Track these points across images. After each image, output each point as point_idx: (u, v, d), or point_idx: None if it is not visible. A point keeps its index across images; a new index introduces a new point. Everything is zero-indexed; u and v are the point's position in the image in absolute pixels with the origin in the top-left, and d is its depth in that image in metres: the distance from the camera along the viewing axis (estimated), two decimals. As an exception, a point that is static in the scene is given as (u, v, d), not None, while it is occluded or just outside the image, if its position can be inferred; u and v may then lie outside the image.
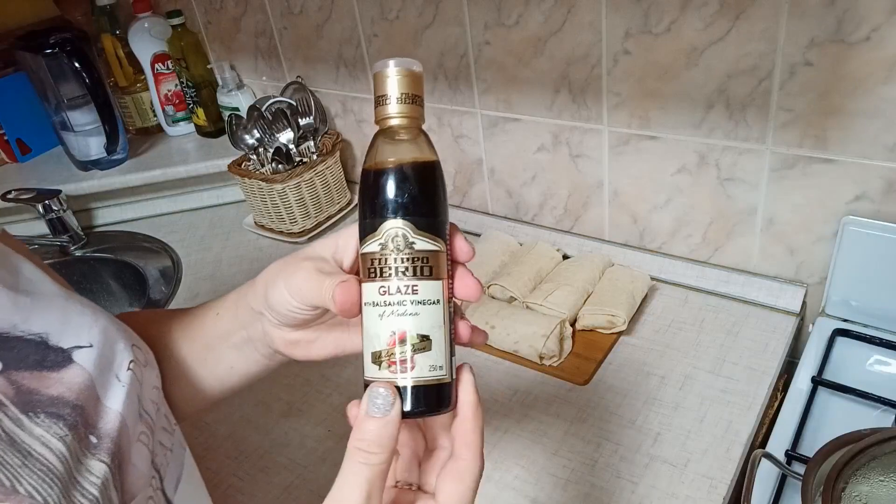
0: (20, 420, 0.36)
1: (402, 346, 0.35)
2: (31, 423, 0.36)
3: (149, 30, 1.33)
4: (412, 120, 0.37)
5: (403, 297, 0.36)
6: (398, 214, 0.36)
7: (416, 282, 0.36)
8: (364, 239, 0.37)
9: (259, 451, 0.80)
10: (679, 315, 0.91)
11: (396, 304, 0.36)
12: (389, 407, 0.35)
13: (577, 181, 1.00)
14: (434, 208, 0.37)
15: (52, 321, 0.40)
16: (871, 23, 0.69)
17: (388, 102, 0.37)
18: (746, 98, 0.79)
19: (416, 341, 0.36)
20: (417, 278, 0.36)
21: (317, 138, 1.20)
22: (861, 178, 0.77)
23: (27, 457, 0.35)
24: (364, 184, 0.37)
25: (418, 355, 0.35)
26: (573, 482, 0.71)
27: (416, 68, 0.37)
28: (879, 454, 0.58)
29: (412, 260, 0.36)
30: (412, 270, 0.36)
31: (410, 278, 0.36)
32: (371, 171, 0.37)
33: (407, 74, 0.37)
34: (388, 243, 0.36)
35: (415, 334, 0.35)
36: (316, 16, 1.14)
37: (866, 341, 0.81)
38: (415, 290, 0.36)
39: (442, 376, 0.36)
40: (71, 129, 1.28)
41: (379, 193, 0.36)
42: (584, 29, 0.87)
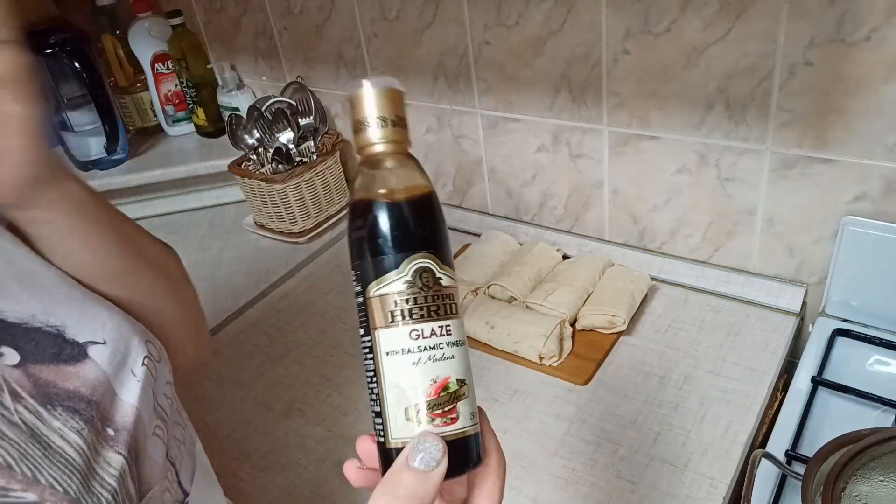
0: (39, 412, 0.37)
1: (445, 394, 0.31)
2: (49, 415, 0.37)
3: (149, 30, 1.33)
4: (401, 144, 0.34)
5: (440, 340, 0.32)
6: (422, 248, 0.32)
7: (448, 321, 0.32)
8: (378, 279, 0.32)
9: (259, 451, 0.80)
10: (679, 315, 0.91)
11: (433, 347, 0.31)
12: (435, 462, 0.30)
13: (577, 181, 1.00)
14: (446, 238, 0.34)
15: (70, 314, 0.40)
16: (871, 23, 0.69)
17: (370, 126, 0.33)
18: (746, 98, 0.79)
19: (457, 388, 0.32)
20: (450, 317, 0.32)
21: (317, 138, 1.20)
22: (861, 178, 0.77)
23: (47, 448, 0.36)
24: (360, 217, 0.32)
25: (460, 403, 0.32)
26: (573, 482, 0.71)
27: (396, 86, 0.34)
28: (879, 454, 0.58)
29: (442, 297, 0.32)
30: (444, 309, 0.32)
31: (443, 318, 0.32)
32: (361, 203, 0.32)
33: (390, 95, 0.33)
34: (417, 280, 0.32)
35: (454, 380, 0.32)
36: (316, 16, 1.14)
37: (866, 341, 0.81)
38: (448, 330, 0.32)
39: (475, 424, 0.33)
40: (71, 129, 1.28)
41: (394, 227, 0.32)
42: (584, 29, 0.87)
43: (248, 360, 0.95)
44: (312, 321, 1.00)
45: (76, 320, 0.41)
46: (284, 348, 0.96)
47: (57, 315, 0.40)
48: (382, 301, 0.32)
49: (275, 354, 0.95)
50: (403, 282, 0.31)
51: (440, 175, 1.17)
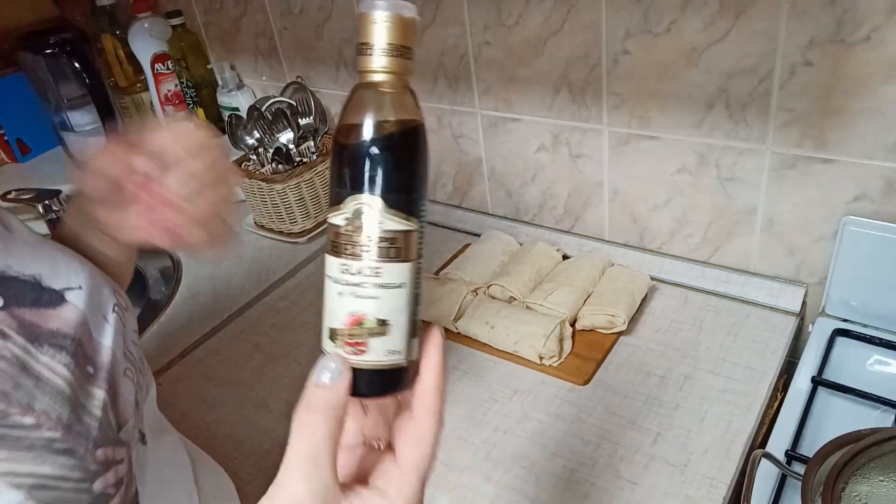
0: (28, 349, 0.39)
1: (358, 328, 0.33)
2: (37, 351, 0.40)
3: (149, 30, 1.33)
4: (397, 77, 0.32)
5: (365, 279, 0.33)
6: (367, 189, 0.32)
7: (379, 264, 0.32)
8: (331, 208, 0.33)
9: (259, 451, 0.80)
10: (679, 315, 0.91)
11: (356, 284, 0.33)
12: (336, 379, 0.33)
13: (577, 181, 1.00)
14: (409, 183, 0.33)
15: (43, 265, 0.43)
16: (871, 23, 0.69)
17: (370, 53, 0.32)
18: (746, 98, 0.79)
19: (374, 325, 0.33)
20: (382, 261, 0.32)
21: (317, 138, 1.20)
22: (861, 178, 0.77)
23: (38, 380, 0.39)
24: (335, 145, 0.33)
25: (374, 339, 0.33)
26: (573, 482, 0.71)
27: (408, 13, 0.32)
28: (879, 454, 0.58)
29: (378, 240, 0.32)
30: (377, 252, 0.32)
31: (374, 260, 0.32)
32: (343, 132, 0.33)
33: (396, 21, 0.31)
34: (354, 220, 0.32)
35: (373, 319, 0.33)
36: (316, 16, 1.14)
37: (866, 341, 0.81)
38: (378, 272, 0.32)
39: (398, 361, 0.34)
40: (71, 129, 1.29)
41: (348, 160, 0.32)
42: (584, 29, 0.87)
43: (248, 360, 0.95)
44: (312, 321, 1.00)
45: (50, 270, 0.44)
46: (284, 348, 0.96)
47: (31, 266, 0.43)
48: (329, 229, 0.33)
49: (275, 354, 0.95)
50: (343, 218, 0.32)
51: (440, 175, 1.17)
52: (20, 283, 0.41)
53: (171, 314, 1.06)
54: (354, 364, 0.34)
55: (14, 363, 0.38)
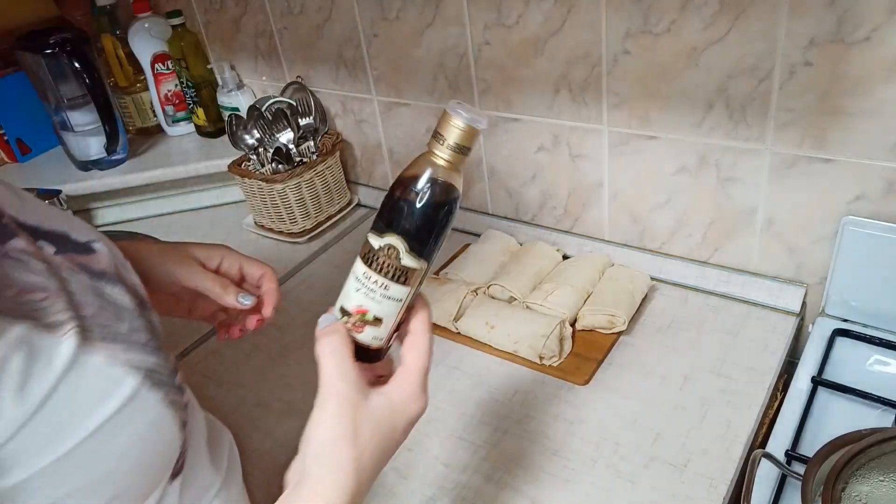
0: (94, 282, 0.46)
1: (361, 317, 0.47)
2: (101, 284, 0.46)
3: (149, 30, 1.33)
4: (454, 165, 0.44)
5: (376, 288, 0.46)
6: (401, 232, 0.45)
7: (389, 283, 0.45)
8: (375, 228, 0.46)
9: (259, 451, 0.80)
10: (679, 315, 0.91)
11: (369, 289, 0.46)
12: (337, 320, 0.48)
13: (577, 181, 1.00)
14: (428, 238, 0.45)
15: (64, 224, 0.49)
16: (871, 23, 0.69)
17: (442, 143, 0.44)
18: (746, 98, 0.80)
19: (371, 319, 0.47)
20: (392, 281, 0.45)
21: (317, 138, 1.20)
22: (861, 178, 0.77)
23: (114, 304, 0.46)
24: (394, 188, 0.45)
25: (368, 327, 0.47)
26: (573, 482, 0.71)
27: (479, 126, 0.43)
28: (879, 454, 0.58)
29: (395, 269, 0.45)
30: (391, 275, 0.45)
31: (388, 279, 0.45)
32: (399, 185, 0.45)
33: (468, 130, 0.43)
34: (385, 249, 0.45)
35: (372, 315, 0.46)
36: (316, 16, 1.14)
37: (866, 341, 0.81)
38: (386, 287, 0.46)
39: (379, 345, 0.48)
40: (71, 129, 1.28)
41: (397, 207, 0.45)
42: (584, 29, 0.87)
43: (248, 360, 0.95)
44: (312, 321, 0.99)
45: (71, 227, 0.49)
46: (284, 348, 0.96)
47: (56, 223, 0.48)
48: (367, 243, 0.46)
49: (275, 354, 0.95)
50: (379, 243, 0.45)
51: (440, 175, 1.17)
52: (56, 235, 0.47)
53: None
54: (354, 339, 0.47)
55: (92, 291, 0.45)
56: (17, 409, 0.36)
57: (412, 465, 0.75)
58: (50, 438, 0.38)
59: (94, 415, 0.40)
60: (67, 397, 0.39)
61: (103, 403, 0.41)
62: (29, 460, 0.37)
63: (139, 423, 0.43)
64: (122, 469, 0.42)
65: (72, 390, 0.39)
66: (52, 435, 0.38)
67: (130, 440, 0.43)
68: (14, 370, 0.36)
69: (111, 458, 0.41)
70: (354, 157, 1.29)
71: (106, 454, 0.41)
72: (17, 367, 0.37)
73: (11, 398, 0.36)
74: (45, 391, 0.38)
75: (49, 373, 0.38)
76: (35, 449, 0.38)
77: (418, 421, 0.47)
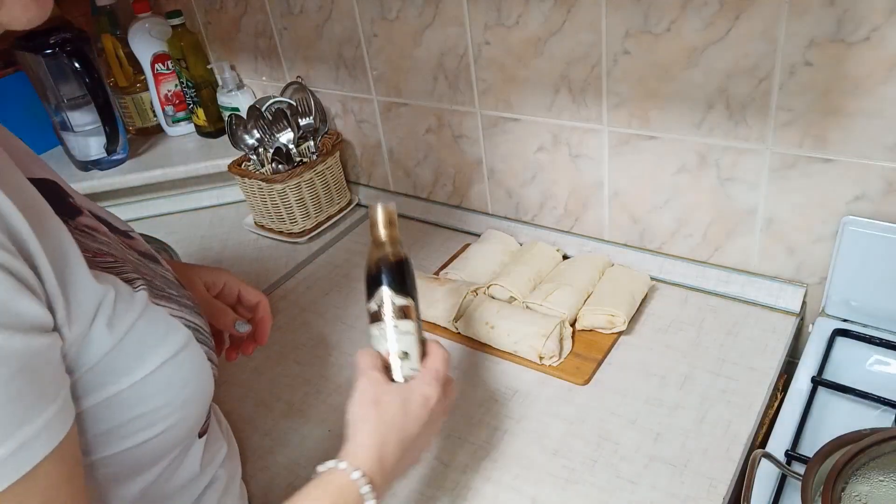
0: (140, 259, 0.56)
1: (393, 358, 0.60)
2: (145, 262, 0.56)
3: (149, 30, 1.33)
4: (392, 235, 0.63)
5: (391, 330, 0.60)
6: (383, 285, 0.61)
7: (397, 321, 0.59)
8: (367, 299, 0.61)
9: (259, 451, 0.80)
10: (679, 315, 0.91)
11: (388, 335, 0.60)
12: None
13: (577, 181, 1.00)
14: (404, 280, 0.61)
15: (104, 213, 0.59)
16: (871, 23, 0.69)
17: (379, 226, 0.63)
18: (746, 98, 0.80)
19: (401, 354, 0.59)
20: (398, 319, 0.59)
21: (317, 138, 1.20)
22: (861, 178, 0.77)
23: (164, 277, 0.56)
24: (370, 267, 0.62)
25: (403, 362, 0.59)
26: (573, 482, 0.71)
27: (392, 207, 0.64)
28: (879, 454, 0.58)
29: (394, 310, 0.60)
30: (395, 315, 0.60)
31: (395, 319, 0.60)
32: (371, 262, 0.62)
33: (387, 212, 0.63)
34: (380, 303, 0.60)
35: (400, 350, 0.59)
36: (316, 16, 1.14)
37: (866, 341, 0.81)
38: (396, 326, 0.60)
39: (416, 373, 0.60)
40: (71, 129, 1.28)
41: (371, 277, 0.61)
42: (584, 29, 0.87)
43: (248, 360, 0.95)
44: (312, 321, 1.00)
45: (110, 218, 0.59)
46: (284, 348, 0.96)
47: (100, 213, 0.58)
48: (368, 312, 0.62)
49: (275, 354, 0.95)
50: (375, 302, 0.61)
51: (440, 175, 1.17)
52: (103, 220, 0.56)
53: (171, 314, 1.06)
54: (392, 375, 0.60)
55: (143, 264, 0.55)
56: (107, 337, 0.45)
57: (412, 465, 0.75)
58: (130, 364, 0.47)
59: (160, 351, 0.49)
60: (143, 334, 0.48)
61: (166, 344, 0.50)
62: (117, 380, 0.46)
63: (191, 366, 0.52)
64: (179, 399, 0.51)
65: (145, 329, 0.48)
66: (132, 361, 0.47)
67: (185, 378, 0.52)
68: (108, 305, 0.46)
69: (172, 389, 0.50)
70: (354, 157, 1.29)
71: (166, 387, 0.50)
72: (110, 303, 0.46)
73: (104, 327, 0.45)
74: (127, 325, 0.47)
75: (131, 313, 0.48)
76: (120, 370, 0.46)
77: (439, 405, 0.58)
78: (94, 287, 0.45)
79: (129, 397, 0.47)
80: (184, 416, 0.52)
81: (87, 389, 0.45)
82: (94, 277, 0.45)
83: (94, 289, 0.45)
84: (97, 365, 0.45)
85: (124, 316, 0.47)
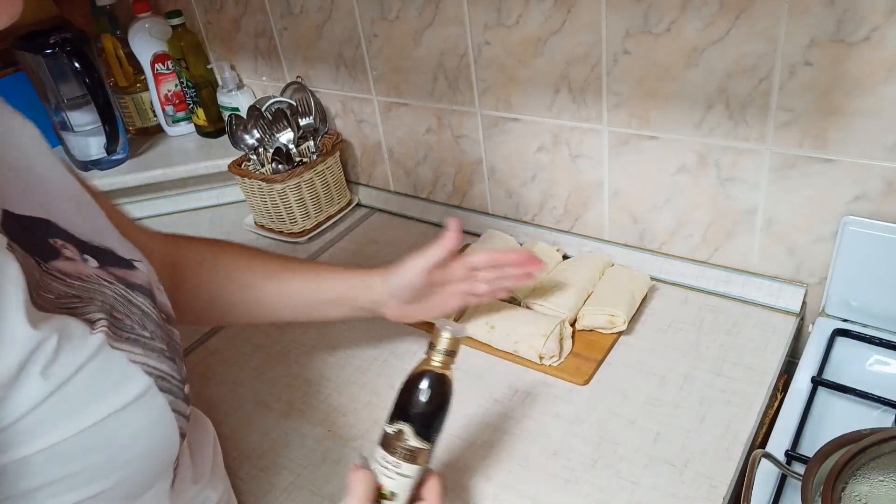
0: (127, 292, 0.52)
1: (379, 492, 0.57)
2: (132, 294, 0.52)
3: (149, 30, 1.33)
4: (446, 366, 0.58)
5: (391, 468, 0.57)
6: (409, 420, 0.57)
7: (401, 462, 0.57)
8: (389, 418, 0.58)
9: (259, 451, 0.80)
10: (679, 315, 0.91)
11: (385, 469, 0.57)
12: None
13: (577, 181, 1.00)
14: (431, 424, 0.58)
15: (114, 241, 0.56)
16: (871, 23, 0.69)
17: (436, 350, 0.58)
18: (746, 98, 0.80)
19: (388, 493, 0.57)
20: (403, 461, 0.57)
21: (317, 138, 1.20)
22: (861, 178, 0.77)
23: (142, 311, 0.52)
24: (404, 385, 0.58)
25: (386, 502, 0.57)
26: (573, 482, 0.71)
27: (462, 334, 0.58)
28: (879, 454, 0.58)
29: (404, 450, 0.57)
30: (402, 456, 0.57)
31: (399, 460, 0.57)
32: (408, 382, 0.58)
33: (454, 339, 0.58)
34: (396, 435, 0.57)
35: (389, 490, 0.57)
36: (316, 16, 1.14)
37: (866, 341, 0.81)
38: (398, 466, 0.57)
39: None
40: (71, 129, 1.28)
41: (404, 399, 0.58)
42: (584, 29, 0.87)
43: (248, 360, 0.95)
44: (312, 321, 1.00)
45: (119, 245, 0.56)
46: (284, 348, 0.96)
47: (104, 239, 0.55)
48: (383, 431, 0.58)
49: (275, 354, 0.95)
50: (391, 429, 0.57)
51: (440, 175, 1.17)
52: (100, 250, 0.53)
53: (171, 314, 1.06)
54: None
55: (124, 299, 0.51)
56: (40, 385, 0.41)
57: (412, 465, 0.75)
58: (66, 416, 0.42)
59: (107, 402, 0.45)
60: (87, 382, 0.43)
61: (116, 394, 0.45)
62: (47, 433, 0.42)
63: (145, 420, 0.47)
64: (123, 457, 0.46)
65: (92, 377, 0.44)
66: (69, 413, 0.43)
67: (135, 432, 0.47)
68: (46, 351, 0.41)
69: (116, 445, 0.45)
70: (354, 157, 1.29)
71: (112, 441, 0.45)
72: (49, 349, 0.42)
73: (38, 374, 0.41)
74: (70, 371, 0.42)
75: (75, 358, 0.43)
76: (53, 423, 0.42)
77: None
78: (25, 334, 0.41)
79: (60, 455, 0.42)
80: (127, 475, 0.47)
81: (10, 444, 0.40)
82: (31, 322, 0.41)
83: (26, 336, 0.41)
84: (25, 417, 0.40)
85: (68, 360, 0.42)
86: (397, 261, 0.79)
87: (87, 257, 0.51)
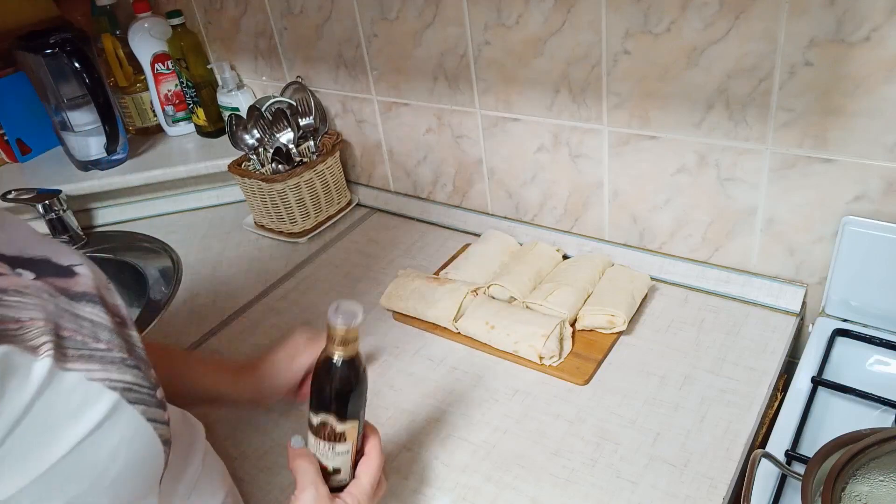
0: (71, 304, 0.46)
1: (325, 471, 0.60)
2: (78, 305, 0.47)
3: (149, 30, 1.33)
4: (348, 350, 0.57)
5: (328, 450, 0.60)
6: (327, 410, 0.58)
7: (334, 444, 0.59)
8: (311, 406, 0.59)
9: (259, 451, 0.80)
10: (679, 315, 0.91)
11: (324, 452, 0.60)
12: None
13: (577, 181, 1.00)
14: (349, 406, 0.58)
15: (47, 249, 0.51)
16: (871, 23, 0.69)
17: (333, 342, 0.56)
18: (746, 98, 0.80)
19: (331, 470, 0.60)
20: (336, 443, 0.59)
21: (317, 138, 1.20)
22: (861, 178, 0.77)
23: (92, 322, 0.47)
24: (314, 377, 0.59)
25: (332, 477, 0.61)
26: (573, 482, 0.71)
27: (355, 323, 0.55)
28: (879, 454, 0.58)
29: (335, 434, 0.59)
30: (334, 438, 0.59)
31: (332, 442, 0.59)
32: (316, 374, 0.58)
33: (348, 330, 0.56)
34: (324, 423, 0.59)
35: (331, 467, 0.60)
36: (316, 16, 1.14)
37: (866, 341, 0.81)
38: (333, 448, 0.60)
39: (343, 483, 0.62)
40: (71, 129, 1.28)
41: (318, 391, 0.58)
42: (584, 29, 0.87)
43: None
44: (312, 321, 1.00)
45: (54, 252, 0.51)
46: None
47: (39, 249, 0.50)
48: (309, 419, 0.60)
49: (275, 354, 0.95)
50: (316, 420, 0.59)
51: (440, 175, 1.17)
52: (35, 262, 0.48)
53: (171, 314, 1.06)
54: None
55: (69, 313, 0.46)
56: None
57: (412, 465, 0.75)
58: (29, 455, 0.39)
59: (72, 430, 0.41)
60: (44, 414, 0.40)
61: (82, 419, 0.42)
62: (11, 477, 0.38)
63: (120, 437, 0.44)
64: (108, 479, 0.44)
65: (48, 408, 0.40)
66: (32, 452, 0.39)
67: (113, 453, 0.44)
68: None
69: (93, 473, 0.43)
70: (354, 157, 1.29)
71: (88, 470, 0.42)
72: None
73: None
74: (20, 410, 0.38)
75: (24, 392, 0.39)
76: (16, 466, 0.38)
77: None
78: None
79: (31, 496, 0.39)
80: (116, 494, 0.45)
81: None
82: None
83: None
84: None
85: (15, 398, 0.38)
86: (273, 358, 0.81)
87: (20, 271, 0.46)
